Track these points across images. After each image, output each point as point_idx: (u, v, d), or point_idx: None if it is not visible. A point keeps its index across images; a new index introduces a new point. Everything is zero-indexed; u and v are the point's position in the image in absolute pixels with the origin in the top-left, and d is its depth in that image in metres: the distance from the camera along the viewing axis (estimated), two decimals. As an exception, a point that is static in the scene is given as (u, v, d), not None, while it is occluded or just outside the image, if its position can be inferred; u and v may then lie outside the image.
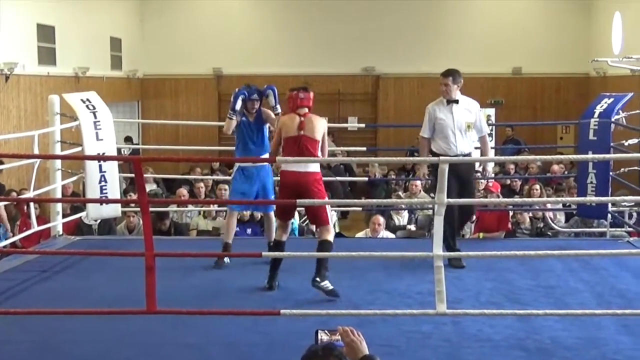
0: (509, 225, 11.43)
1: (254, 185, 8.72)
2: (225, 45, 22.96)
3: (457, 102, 8.62)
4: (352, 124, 22.00)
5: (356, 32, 22.65)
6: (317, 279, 7.34)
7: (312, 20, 22.86)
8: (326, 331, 4.37)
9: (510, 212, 11.56)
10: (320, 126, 7.78)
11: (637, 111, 10.14)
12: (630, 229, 10.46)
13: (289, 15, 23.00)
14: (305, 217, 12.83)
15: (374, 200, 8.35)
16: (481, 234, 10.98)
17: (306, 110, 7.79)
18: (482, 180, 13.85)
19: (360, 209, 13.81)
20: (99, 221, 11.47)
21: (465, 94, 8.78)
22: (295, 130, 7.70)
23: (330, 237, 7.65)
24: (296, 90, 7.86)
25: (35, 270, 8.36)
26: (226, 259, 8.52)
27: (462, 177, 8.42)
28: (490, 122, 18.14)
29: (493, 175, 13.74)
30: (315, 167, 7.69)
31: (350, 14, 22.72)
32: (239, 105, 8.67)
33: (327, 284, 7.35)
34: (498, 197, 11.21)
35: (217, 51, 22.99)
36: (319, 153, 7.75)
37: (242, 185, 8.69)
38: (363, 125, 21.43)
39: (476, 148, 9.19)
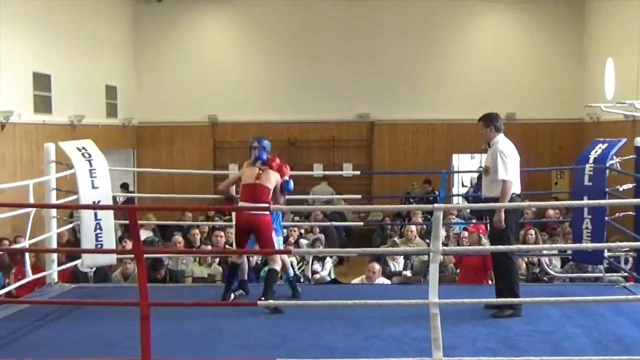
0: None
1: None
2: (220, 93, 23.07)
3: (489, 146, 8.63)
4: (347, 171, 22.03)
5: (350, 78, 22.78)
6: (262, 298, 8.38)
7: (307, 68, 22.98)
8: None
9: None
10: (272, 178, 8.95)
11: (631, 156, 10.16)
12: (626, 274, 10.43)
13: (283, 62, 23.13)
14: (301, 263, 12.84)
15: (370, 249, 8.35)
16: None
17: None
18: (455, 227, 13.88)
19: (356, 255, 13.80)
20: (94, 269, 11.44)
21: (459, 140, 8.82)
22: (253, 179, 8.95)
23: (277, 266, 8.88)
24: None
25: (28, 319, 8.30)
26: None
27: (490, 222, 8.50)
28: (481, 167, 18.17)
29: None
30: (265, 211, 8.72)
31: (344, 61, 22.86)
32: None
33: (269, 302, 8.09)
34: (479, 238, 11.10)
35: (212, 99, 23.09)
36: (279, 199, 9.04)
37: None
38: (358, 172, 21.48)
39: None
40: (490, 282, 10.60)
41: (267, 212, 8.76)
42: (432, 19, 22.91)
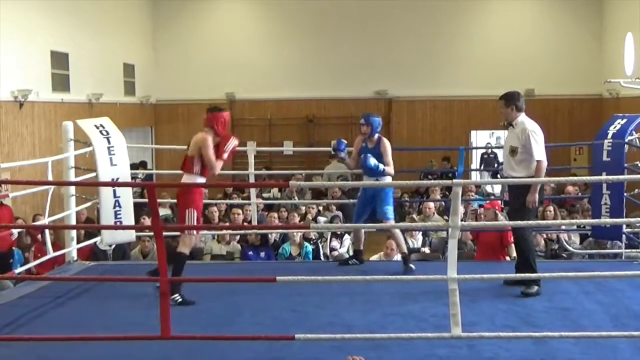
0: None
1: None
2: (237, 71, 23.06)
3: (512, 125, 8.46)
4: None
5: (368, 56, 22.72)
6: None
7: (324, 45, 22.93)
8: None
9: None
10: (192, 143, 8.49)
11: (651, 132, 10.12)
12: (645, 250, 10.40)
13: (301, 40, 23.09)
14: (319, 240, 12.83)
15: (388, 225, 8.30)
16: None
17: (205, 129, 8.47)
18: (473, 204, 13.84)
19: (374, 230, 13.76)
20: (113, 246, 11.49)
21: (477, 117, 8.76)
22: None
23: (183, 249, 8.26)
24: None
25: (49, 296, 8.36)
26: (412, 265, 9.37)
27: (511, 199, 8.55)
28: (501, 144, 18.12)
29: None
30: (186, 178, 8.39)
31: (362, 38, 22.81)
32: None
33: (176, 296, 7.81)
34: (496, 214, 11.08)
35: (229, 76, 23.08)
36: (194, 167, 8.37)
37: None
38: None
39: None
40: (508, 258, 10.59)
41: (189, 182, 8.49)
42: (450, -6, 22.81)
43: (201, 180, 8.36)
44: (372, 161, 9.35)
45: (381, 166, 9.39)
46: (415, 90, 22.76)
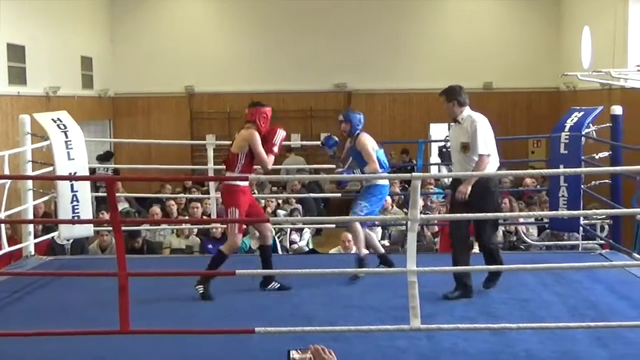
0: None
1: None
2: (197, 63, 22.94)
3: (458, 121, 8.15)
4: (325, 140, 21.93)
5: (327, 48, 22.69)
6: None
7: (284, 38, 22.88)
8: (298, 350, 4.39)
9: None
10: (238, 139, 8.27)
11: (607, 124, 10.21)
12: (602, 242, 10.51)
13: (260, 32, 23.01)
14: (279, 234, 12.84)
15: (346, 217, 8.30)
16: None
17: (248, 124, 8.27)
18: (433, 197, 13.91)
19: (334, 225, 13.78)
20: (71, 241, 11.41)
21: (436, 110, 8.71)
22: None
23: (224, 248, 8.20)
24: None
25: (6, 291, 8.28)
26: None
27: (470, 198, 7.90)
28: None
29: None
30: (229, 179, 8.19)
31: (321, 31, 22.77)
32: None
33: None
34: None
35: (188, 69, 22.96)
36: (238, 164, 8.18)
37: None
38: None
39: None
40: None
41: (232, 183, 8.29)
42: (409, -12, 22.86)
43: (244, 181, 8.26)
44: (348, 176, 9.02)
45: (355, 174, 9.19)
46: (375, 83, 22.78)
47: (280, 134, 8.41)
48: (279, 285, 8.25)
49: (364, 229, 9.04)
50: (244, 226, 8.43)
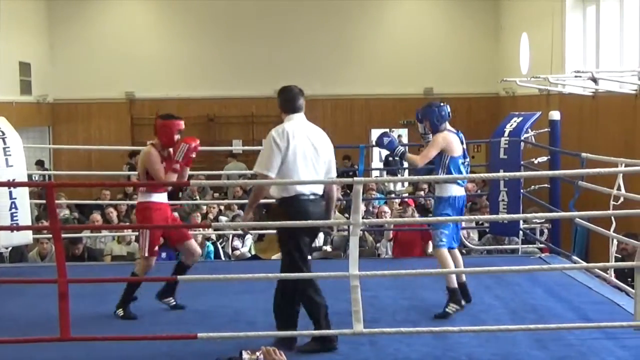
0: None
1: None
2: (137, 70, 22.80)
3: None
4: (267, 146, 21.91)
5: (269, 54, 22.70)
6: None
7: (224, 44, 22.85)
8: (249, 351, 4.40)
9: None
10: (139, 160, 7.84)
11: (546, 129, 10.34)
12: (542, 245, 10.63)
13: (200, 38, 22.95)
14: (221, 240, 12.79)
15: (288, 223, 8.29)
16: None
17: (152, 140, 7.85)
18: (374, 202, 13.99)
19: (274, 231, 13.75)
20: (10, 249, 11.24)
21: (378, 115, 8.70)
22: None
23: (136, 269, 7.67)
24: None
25: (-57, 300, 8.15)
26: None
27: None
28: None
29: (407, 194, 13.85)
30: (140, 197, 7.68)
31: (262, 37, 22.77)
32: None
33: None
34: (413, 212, 11.24)
35: (129, 75, 22.82)
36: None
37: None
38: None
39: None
40: (425, 254, 10.59)
41: (142, 200, 7.72)
42: (349, -6, 22.95)
43: (157, 197, 7.58)
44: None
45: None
46: (317, 89, 22.74)
47: (184, 147, 7.75)
48: (174, 303, 7.75)
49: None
50: (156, 248, 7.88)
